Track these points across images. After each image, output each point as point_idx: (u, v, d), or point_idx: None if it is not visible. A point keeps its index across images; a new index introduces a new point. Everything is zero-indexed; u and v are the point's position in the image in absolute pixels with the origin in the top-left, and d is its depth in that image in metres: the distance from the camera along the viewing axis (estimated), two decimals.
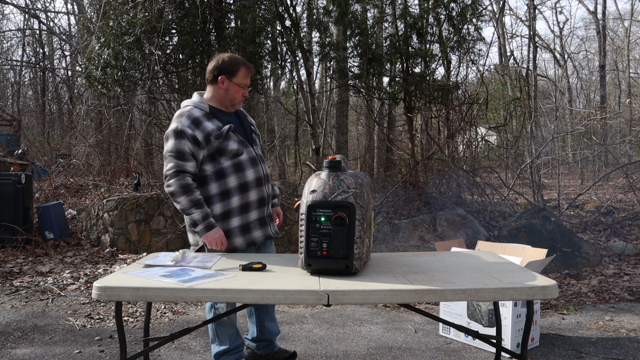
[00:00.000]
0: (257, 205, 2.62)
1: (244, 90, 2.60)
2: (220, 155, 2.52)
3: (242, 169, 2.56)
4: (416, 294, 1.90)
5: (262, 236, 2.66)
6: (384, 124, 11.51)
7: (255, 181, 2.60)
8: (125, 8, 7.13)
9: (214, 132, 2.50)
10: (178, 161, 2.47)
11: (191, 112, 2.53)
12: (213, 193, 2.54)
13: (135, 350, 3.19)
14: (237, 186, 2.54)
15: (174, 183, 2.47)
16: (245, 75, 2.59)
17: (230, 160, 2.53)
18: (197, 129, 2.49)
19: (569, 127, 12.48)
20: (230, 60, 2.57)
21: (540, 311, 3.44)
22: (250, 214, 2.60)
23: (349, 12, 7.50)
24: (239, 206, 2.57)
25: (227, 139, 2.53)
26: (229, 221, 2.56)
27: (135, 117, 11.02)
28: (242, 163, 2.56)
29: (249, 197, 2.58)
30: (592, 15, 22.09)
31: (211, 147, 2.50)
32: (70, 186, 9.00)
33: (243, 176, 2.56)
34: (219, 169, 2.53)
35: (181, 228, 5.91)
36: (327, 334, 3.58)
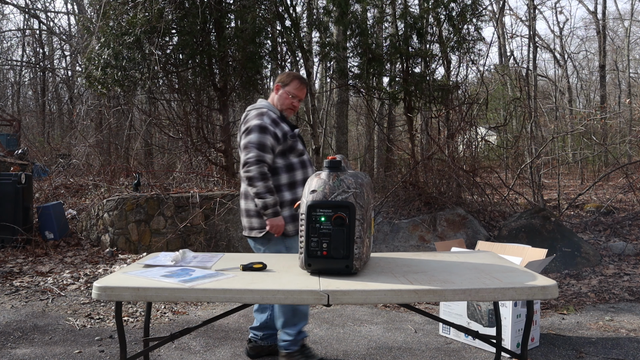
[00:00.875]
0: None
1: (293, 100, 2.99)
2: (290, 153, 2.92)
3: (305, 166, 2.98)
4: (416, 294, 1.90)
5: (295, 231, 2.96)
6: (384, 124, 11.51)
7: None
8: (125, 8, 7.13)
9: (288, 133, 2.92)
10: (259, 152, 2.82)
11: (269, 113, 2.92)
12: (283, 183, 2.90)
13: (135, 350, 3.19)
14: (302, 180, 2.92)
15: (255, 170, 2.79)
16: (297, 87, 3.00)
17: (297, 158, 2.94)
18: (277, 127, 2.88)
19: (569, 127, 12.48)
20: (287, 74, 3.07)
21: (540, 311, 3.43)
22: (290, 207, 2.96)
23: (349, 12, 7.50)
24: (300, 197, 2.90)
25: (297, 139, 2.97)
26: (291, 207, 2.92)
27: (135, 117, 11.03)
28: (305, 161, 2.99)
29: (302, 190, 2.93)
30: (592, 15, 22.09)
31: (286, 144, 2.90)
32: (70, 186, 9.00)
33: (306, 172, 2.96)
34: (288, 163, 2.92)
35: (181, 228, 5.91)
36: (327, 334, 3.58)
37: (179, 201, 6.07)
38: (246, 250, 5.90)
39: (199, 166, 8.19)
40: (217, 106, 8.19)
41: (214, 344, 3.39)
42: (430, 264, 2.34)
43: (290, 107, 3.01)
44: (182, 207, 6.05)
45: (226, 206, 5.94)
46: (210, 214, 5.95)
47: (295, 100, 3.00)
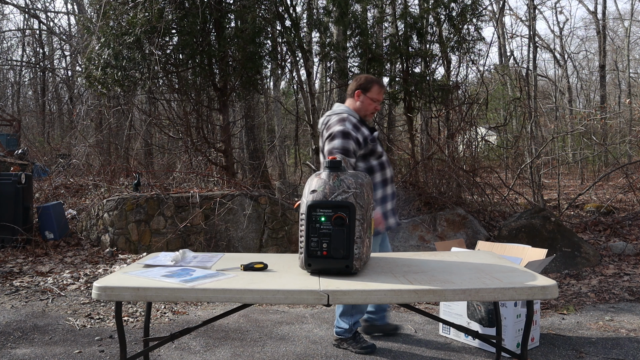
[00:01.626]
0: (391, 197, 3.19)
1: (376, 104, 3.13)
2: (371, 156, 3.06)
3: (384, 168, 3.12)
4: (416, 294, 1.90)
5: (394, 223, 3.20)
6: (384, 124, 11.51)
7: (390, 179, 3.17)
8: (125, 8, 7.13)
9: (368, 137, 3.05)
10: (344, 157, 2.96)
11: (350, 118, 3.04)
12: (376, 181, 3.07)
13: (135, 350, 3.19)
14: (381, 181, 3.08)
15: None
16: (378, 91, 3.13)
17: (377, 160, 3.08)
18: (358, 132, 3.01)
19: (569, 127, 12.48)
20: (366, 79, 3.17)
21: (540, 311, 3.43)
22: (387, 205, 3.14)
23: (349, 12, 7.50)
24: (381, 198, 3.09)
25: (376, 143, 3.10)
26: (378, 206, 3.08)
27: (135, 117, 11.03)
28: (384, 163, 3.12)
29: (387, 190, 3.14)
30: (592, 15, 22.09)
31: (367, 148, 3.04)
32: (70, 186, 8.99)
33: (384, 173, 3.11)
34: (369, 166, 3.06)
35: (181, 228, 5.91)
36: (327, 334, 3.58)
37: (179, 201, 6.07)
38: (246, 250, 5.90)
39: (199, 166, 8.18)
40: (217, 106, 8.19)
41: (214, 344, 3.39)
42: (430, 264, 2.34)
43: (373, 111, 3.16)
44: (182, 207, 6.05)
45: (226, 206, 5.94)
46: (210, 214, 5.95)
47: (377, 104, 3.15)
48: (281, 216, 5.96)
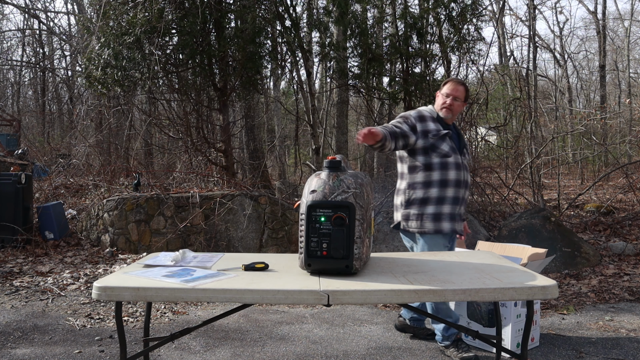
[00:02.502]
0: (452, 201, 3.05)
1: (447, 99, 3.09)
2: (432, 152, 3.02)
3: (446, 168, 3.03)
4: (416, 294, 1.89)
5: (450, 229, 3.04)
6: (384, 124, 11.50)
7: (455, 182, 3.05)
8: (125, 8, 7.13)
9: (433, 131, 3.03)
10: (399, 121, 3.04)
11: (421, 111, 3.11)
12: (418, 180, 3.05)
13: (135, 350, 3.19)
14: (439, 180, 3.02)
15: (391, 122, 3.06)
16: (449, 87, 3.12)
17: (439, 159, 3.02)
18: (420, 122, 3.04)
19: (569, 127, 12.47)
20: (444, 80, 3.26)
21: (540, 311, 3.43)
22: (444, 207, 3.03)
23: (349, 12, 7.50)
24: (437, 197, 3.03)
25: (442, 140, 3.04)
26: (426, 207, 3.04)
27: (135, 117, 11.03)
28: (448, 164, 3.03)
29: (447, 192, 3.03)
30: (592, 15, 22.09)
31: (427, 141, 3.01)
32: (70, 186, 8.99)
33: (446, 174, 3.02)
34: (428, 163, 3.03)
35: (181, 228, 5.91)
36: (327, 334, 3.58)
37: (179, 201, 6.07)
38: (246, 250, 5.90)
39: (199, 166, 8.18)
40: (217, 106, 8.19)
41: (214, 344, 3.39)
42: (430, 264, 2.34)
43: (443, 105, 3.10)
44: (182, 207, 6.05)
45: (226, 206, 5.94)
46: (210, 214, 5.95)
47: (449, 99, 3.08)
48: (281, 216, 5.96)
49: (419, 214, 3.05)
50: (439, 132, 3.03)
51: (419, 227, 3.05)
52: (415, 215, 3.06)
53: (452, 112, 3.11)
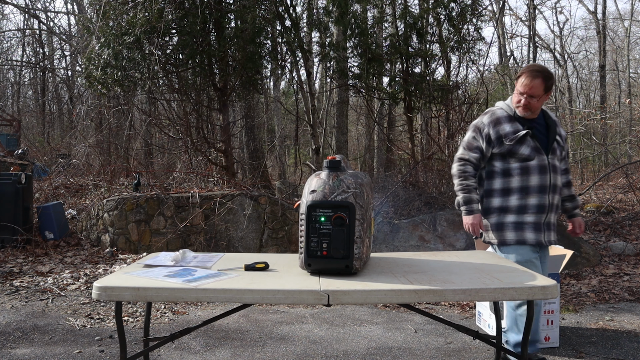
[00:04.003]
0: (535, 210, 2.74)
1: (521, 97, 2.70)
2: (510, 157, 2.73)
3: (527, 173, 2.72)
4: (416, 294, 1.89)
5: (534, 239, 2.73)
6: (384, 124, 11.51)
7: (538, 187, 2.72)
8: (125, 8, 7.13)
9: (509, 135, 2.71)
10: (465, 150, 2.83)
11: (495, 112, 2.80)
12: (496, 188, 2.79)
13: (135, 350, 3.19)
14: (519, 187, 2.73)
15: (455, 167, 2.85)
16: (523, 83, 2.69)
17: (519, 163, 2.73)
18: (493, 127, 2.75)
19: (569, 127, 12.47)
20: (521, 70, 2.83)
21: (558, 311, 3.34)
22: (526, 216, 2.74)
23: (349, 12, 7.50)
24: (517, 206, 2.74)
25: (520, 143, 2.71)
26: (505, 216, 2.76)
27: (135, 117, 11.03)
28: (529, 168, 2.72)
29: (529, 200, 2.73)
30: (592, 15, 22.08)
31: (503, 147, 2.73)
32: (70, 186, 8.99)
33: (527, 180, 2.72)
34: (506, 168, 2.75)
35: (181, 228, 5.91)
36: (327, 334, 3.58)
37: (179, 201, 6.07)
38: (246, 250, 5.90)
39: (199, 166, 8.18)
40: (217, 106, 8.19)
41: (214, 344, 3.39)
42: (430, 264, 2.34)
43: (518, 105, 2.74)
44: (182, 207, 6.05)
45: (226, 206, 5.94)
46: (210, 214, 5.95)
47: (524, 99, 2.69)
48: (281, 216, 5.96)
49: (498, 223, 2.78)
50: (517, 135, 2.70)
51: (499, 238, 2.78)
52: (494, 225, 2.79)
53: (531, 109, 2.71)
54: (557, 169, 2.78)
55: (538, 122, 2.78)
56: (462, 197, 2.78)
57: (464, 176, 2.78)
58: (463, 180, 2.78)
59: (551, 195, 2.75)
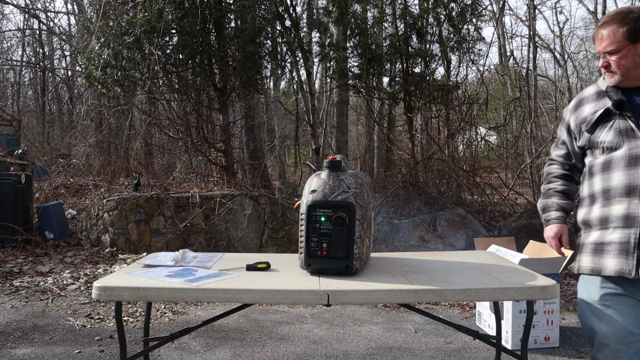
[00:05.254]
0: (621, 223, 1.83)
1: (603, 59, 1.89)
2: (595, 149, 1.92)
3: (608, 169, 1.87)
4: (416, 294, 1.89)
5: (617, 269, 1.82)
6: (384, 124, 11.51)
7: (624, 189, 1.82)
8: (125, 8, 7.13)
9: (587, 119, 1.94)
10: (553, 147, 2.17)
11: (584, 92, 2.03)
12: (584, 194, 1.99)
13: (135, 350, 3.19)
14: (601, 191, 1.89)
15: (545, 168, 2.21)
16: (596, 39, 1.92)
17: (604, 155, 1.89)
18: (575, 113, 2.01)
19: None
20: None
21: (558, 311, 3.33)
22: (608, 232, 1.87)
23: (349, 12, 7.51)
24: (599, 217, 1.90)
25: (600, 126, 1.89)
26: (589, 233, 1.94)
27: (135, 117, 11.02)
28: (612, 161, 1.86)
29: (611, 209, 1.86)
30: (592, 15, 22.10)
31: (584, 137, 1.96)
32: (70, 186, 8.99)
33: (608, 179, 1.87)
34: (591, 165, 1.95)
35: (181, 228, 5.91)
36: (327, 334, 3.58)
37: (179, 201, 6.07)
38: (246, 250, 5.90)
39: (199, 166, 8.19)
40: (217, 106, 8.20)
41: (214, 344, 3.39)
42: (430, 264, 2.34)
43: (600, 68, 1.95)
44: (182, 207, 6.05)
45: (226, 206, 5.94)
46: (210, 214, 5.95)
47: (602, 59, 1.89)
48: (281, 216, 5.96)
49: (579, 244, 2.00)
50: (594, 116, 1.91)
51: (577, 263, 1.99)
52: (578, 246, 2.01)
53: (620, 71, 1.85)
54: None
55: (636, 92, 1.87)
56: (540, 204, 2.12)
57: (547, 179, 2.13)
58: (545, 184, 2.14)
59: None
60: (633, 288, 1.83)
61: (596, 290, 1.90)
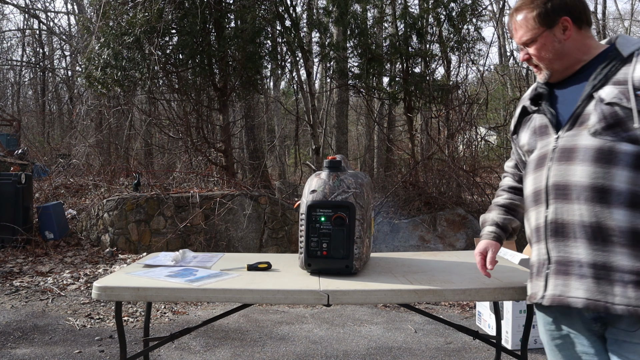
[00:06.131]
0: (535, 237, 1.52)
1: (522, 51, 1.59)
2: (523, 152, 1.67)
3: (525, 176, 1.61)
4: (416, 294, 1.89)
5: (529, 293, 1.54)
6: (384, 124, 11.51)
7: (533, 196, 1.53)
8: (125, 8, 7.13)
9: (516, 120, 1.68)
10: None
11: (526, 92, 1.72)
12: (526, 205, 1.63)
13: (135, 350, 3.19)
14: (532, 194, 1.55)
15: None
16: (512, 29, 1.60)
17: (527, 160, 1.62)
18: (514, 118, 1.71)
19: None
20: None
21: None
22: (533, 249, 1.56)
23: (348, 12, 7.51)
24: (528, 234, 1.59)
25: (522, 128, 1.64)
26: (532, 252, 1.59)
27: (135, 117, 11.02)
28: (527, 165, 1.60)
29: (529, 222, 1.56)
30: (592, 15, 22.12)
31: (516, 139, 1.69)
32: (70, 186, 8.99)
33: (524, 187, 1.61)
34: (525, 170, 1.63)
35: (181, 228, 5.91)
36: (327, 334, 3.58)
37: (179, 201, 6.07)
38: (246, 250, 5.90)
39: (199, 166, 8.19)
40: (217, 106, 8.20)
41: (214, 344, 3.39)
42: (430, 264, 2.34)
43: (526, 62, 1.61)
44: (182, 207, 6.05)
45: (226, 206, 5.94)
46: (210, 214, 5.95)
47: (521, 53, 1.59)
48: (281, 216, 5.96)
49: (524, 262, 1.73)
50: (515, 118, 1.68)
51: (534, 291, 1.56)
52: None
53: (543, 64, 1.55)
54: (575, 152, 1.42)
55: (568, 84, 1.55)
56: (480, 219, 1.91)
57: (497, 192, 1.89)
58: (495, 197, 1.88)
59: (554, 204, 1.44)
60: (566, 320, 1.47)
61: (541, 326, 1.57)
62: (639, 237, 1.32)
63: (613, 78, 1.43)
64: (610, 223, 1.34)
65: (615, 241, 1.34)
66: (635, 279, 1.30)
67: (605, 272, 1.34)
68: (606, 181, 1.35)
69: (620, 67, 1.44)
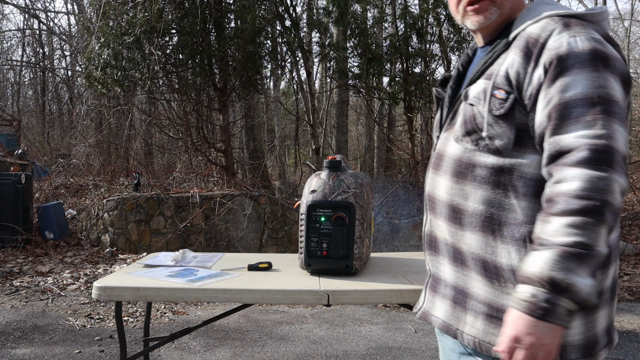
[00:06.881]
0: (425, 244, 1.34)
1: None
2: None
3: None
4: (416, 294, 1.89)
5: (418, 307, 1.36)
6: (384, 124, 11.51)
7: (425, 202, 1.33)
8: (125, 8, 7.13)
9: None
10: None
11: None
12: None
13: (135, 350, 3.19)
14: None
15: None
16: None
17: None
18: None
19: None
20: None
21: None
22: None
23: (348, 12, 7.51)
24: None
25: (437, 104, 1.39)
26: None
27: (135, 117, 11.03)
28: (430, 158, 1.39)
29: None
30: None
31: None
32: (70, 186, 8.99)
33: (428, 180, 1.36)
34: None
35: (181, 228, 5.91)
36: (327, 334, 3.58)
37: (179, 201, 6.07)
38: (246, 250, 5.90)
39: (199, 166, 8.19)
40: (217, 106, 8.20)
41: (214, 344, 3.39)
42: None
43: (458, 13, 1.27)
44: (182, 207, 6.05)
45: (226, 206, 5.94)
46: (210, 214, 5.95)
47: None
48: (281, 216, 5.96)
49: None
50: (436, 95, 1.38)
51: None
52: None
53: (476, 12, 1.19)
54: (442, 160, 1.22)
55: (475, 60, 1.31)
56: None
57: None
58: None
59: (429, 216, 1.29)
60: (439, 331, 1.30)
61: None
62: (489, 268, 1.12)
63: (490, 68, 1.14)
64: (463, 247, 1.17)
65: (471, 267, 1.16)
66: (486, 311, 1.13)
67: (462, 297, 1.19)
68: (460, 199, 1.15)
69: (501, 53, 1.14)
